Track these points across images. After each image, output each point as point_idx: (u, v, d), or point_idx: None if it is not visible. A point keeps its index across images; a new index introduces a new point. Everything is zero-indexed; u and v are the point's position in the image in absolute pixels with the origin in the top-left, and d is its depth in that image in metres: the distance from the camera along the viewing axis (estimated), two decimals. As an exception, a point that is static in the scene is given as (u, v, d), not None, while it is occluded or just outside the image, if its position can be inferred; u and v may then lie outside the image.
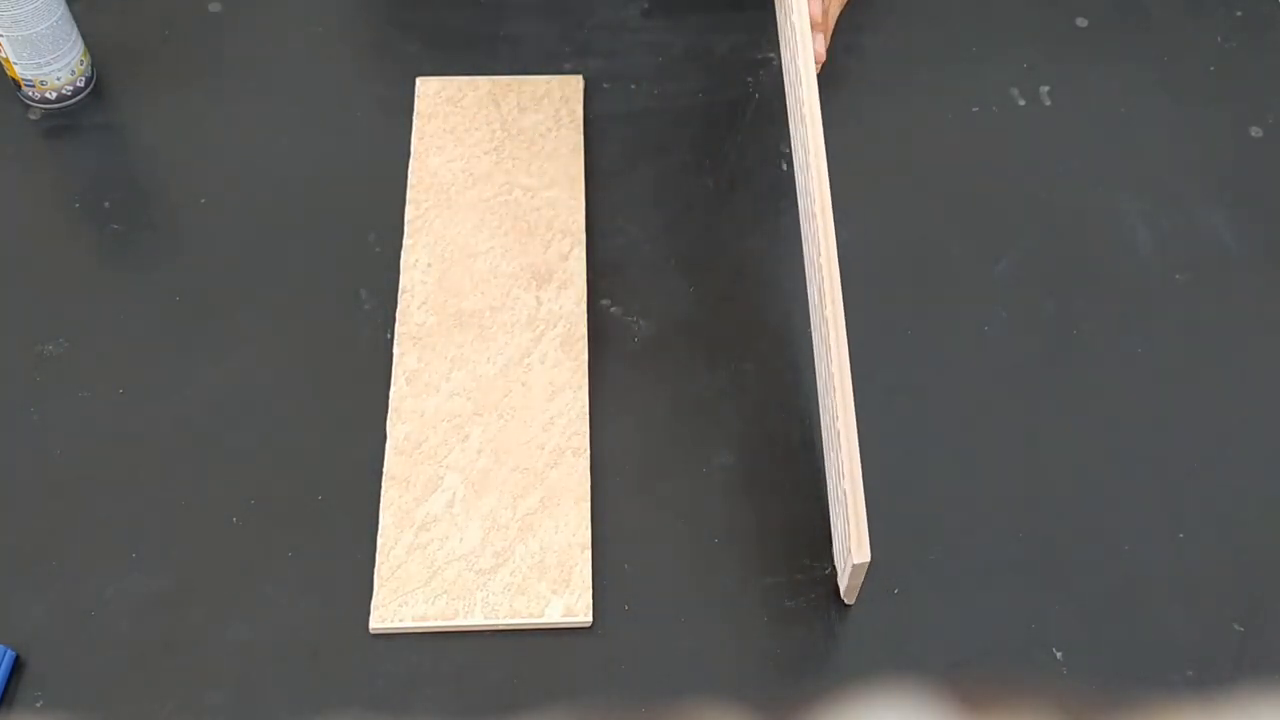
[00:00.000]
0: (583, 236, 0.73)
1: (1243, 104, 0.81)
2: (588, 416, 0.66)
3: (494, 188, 0.75)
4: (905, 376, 0.69)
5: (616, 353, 0.69)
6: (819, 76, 0.63)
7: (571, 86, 0.79)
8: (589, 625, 0.60)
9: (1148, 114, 0.80)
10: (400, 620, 0.60)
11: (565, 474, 0.64)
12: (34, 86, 0.77)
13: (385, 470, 0.64)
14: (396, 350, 0.68)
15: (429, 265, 0.71)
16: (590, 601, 0.61)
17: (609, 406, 0.67)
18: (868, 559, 0.56)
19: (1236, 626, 0.61)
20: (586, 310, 0.70)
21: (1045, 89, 0.81)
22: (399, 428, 0.66)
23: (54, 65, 0.76)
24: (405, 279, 0.71)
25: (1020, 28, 0.85)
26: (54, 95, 0.78)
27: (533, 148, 0.76)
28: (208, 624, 0.60)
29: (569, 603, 0.61)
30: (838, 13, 0.72)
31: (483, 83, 0.79)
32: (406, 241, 0.72)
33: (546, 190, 0.74)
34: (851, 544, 0.57)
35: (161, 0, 0.84)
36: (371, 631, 0.60)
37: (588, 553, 0.62)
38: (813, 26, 0.65)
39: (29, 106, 0.79)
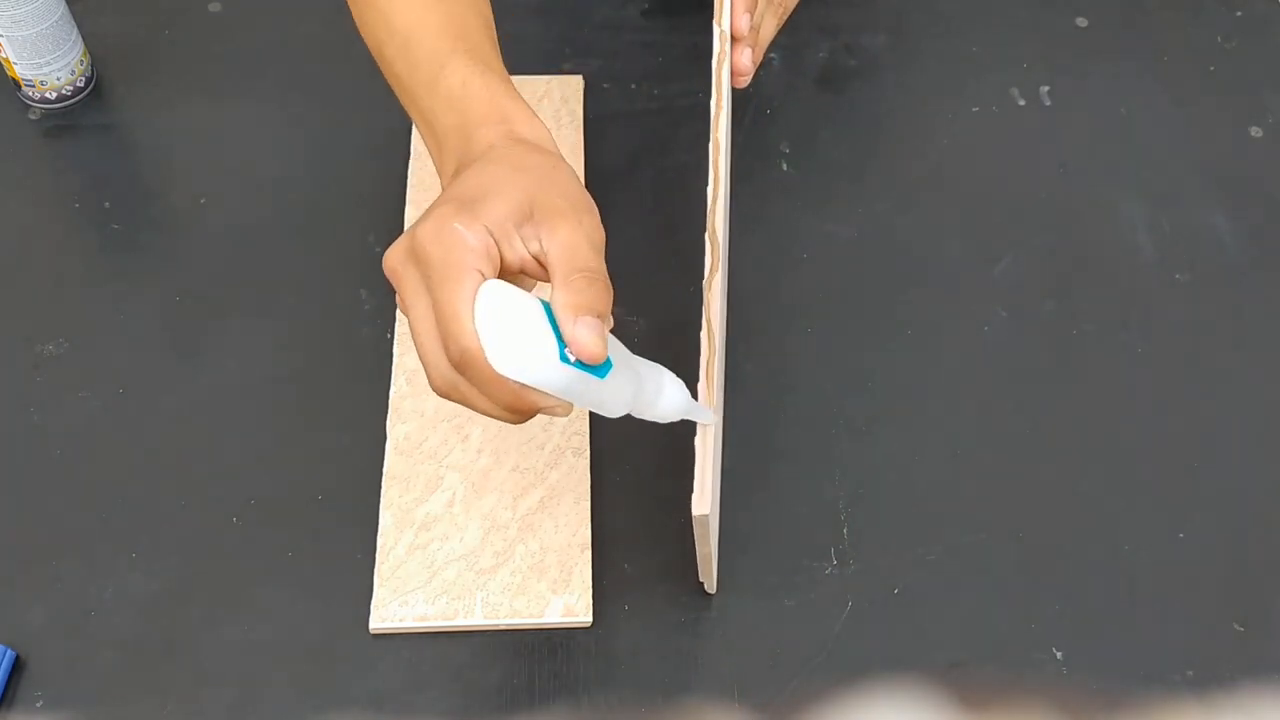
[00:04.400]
0: (583, 236, 0.72)
1: (1243, 104, 0.81)
2: (588, 416, 0.66)
3: (494, 188, 0.74)
4: (905, 376, 0.69)
5: (616, 353, 0.69)
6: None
7: (571, 86, 0.79)
8: (589, 625, 0.60)
9: (1148, 114, 0.80)
10: (400, 620, 0.60)
11: (565, 474, 0.64)
12: (34, 86, 0.77)
13: (385, 470, 0.64)
14: (396, 350, 0.68)
15: (429, 265, 0.71)
16: (590, 601, 0.61)
17: (609, 406, 0.67)
18: (705, 511, 0.49)
19: (1236, 626, 0.61)
20: (586, 310, 0.70)
21: (1045, 89, 0.81)
22: (399, 428, 0.66)
23: (54, 65, 0.76)
24: (405, 279, 0.71)
25: (1020, 28, 0.85)
26: (54, 95, 0.78)
27: (533, 148, 0.76)
28: (208, 624, 0.60)
29: (569, 603, 0.61)
30: (773, 32, 0.67)
31: (483, 83, 0.79)
32: (406, 241, 0.72)
33: (546, 190, 0.74)
34: (694, 494, 0.49)
35: (161, 0, 0.84)
36: (371, 631, 0.60)
37: (588, 553, 0.62)
38: (739, 39, 0.62)
39: (29, 106, 0.79)
